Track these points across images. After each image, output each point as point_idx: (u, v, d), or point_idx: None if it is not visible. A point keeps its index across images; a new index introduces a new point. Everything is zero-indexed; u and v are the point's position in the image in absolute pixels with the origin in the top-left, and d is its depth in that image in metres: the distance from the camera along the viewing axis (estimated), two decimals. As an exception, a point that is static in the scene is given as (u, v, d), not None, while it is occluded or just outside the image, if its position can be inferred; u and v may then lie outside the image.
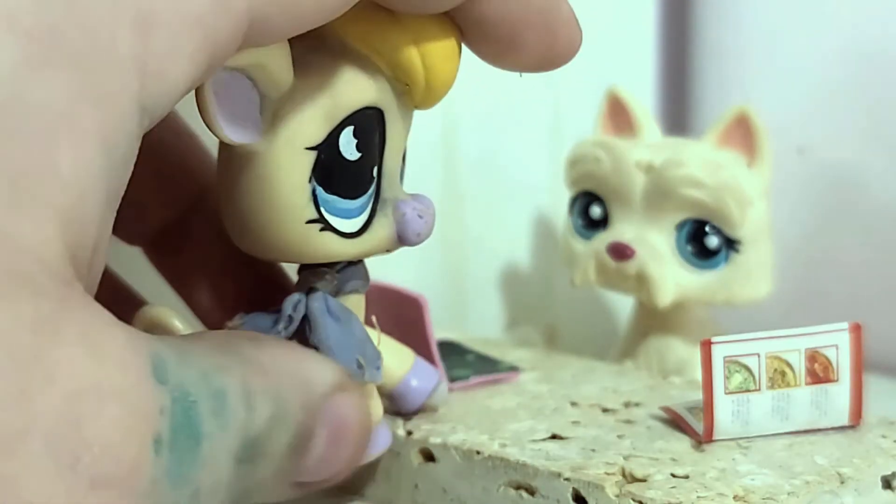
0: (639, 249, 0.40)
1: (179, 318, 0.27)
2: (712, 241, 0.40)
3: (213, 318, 0.30)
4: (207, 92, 0.22)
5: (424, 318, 0.34)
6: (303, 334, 0.27)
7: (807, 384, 0.30)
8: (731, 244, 0.40)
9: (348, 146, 0.25)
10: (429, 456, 0.31)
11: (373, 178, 0.26)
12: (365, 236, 0.26)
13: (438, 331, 0.36)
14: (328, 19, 0.22)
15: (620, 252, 0.41)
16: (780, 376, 0.30)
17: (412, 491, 0.32)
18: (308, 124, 0.25)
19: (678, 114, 0.61)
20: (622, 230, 0.41)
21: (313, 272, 0.27)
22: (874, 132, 0.52)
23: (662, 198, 0.40)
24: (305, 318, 0.27)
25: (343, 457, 0.25)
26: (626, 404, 0.33)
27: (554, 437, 0.31)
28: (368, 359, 0.27)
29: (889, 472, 0.28)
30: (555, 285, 0.54)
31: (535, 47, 0.26)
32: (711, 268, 0.41)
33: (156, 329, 0.27)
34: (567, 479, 0.28)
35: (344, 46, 0.25)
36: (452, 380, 0.35)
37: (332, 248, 0.26)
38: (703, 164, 0.40)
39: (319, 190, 0.25)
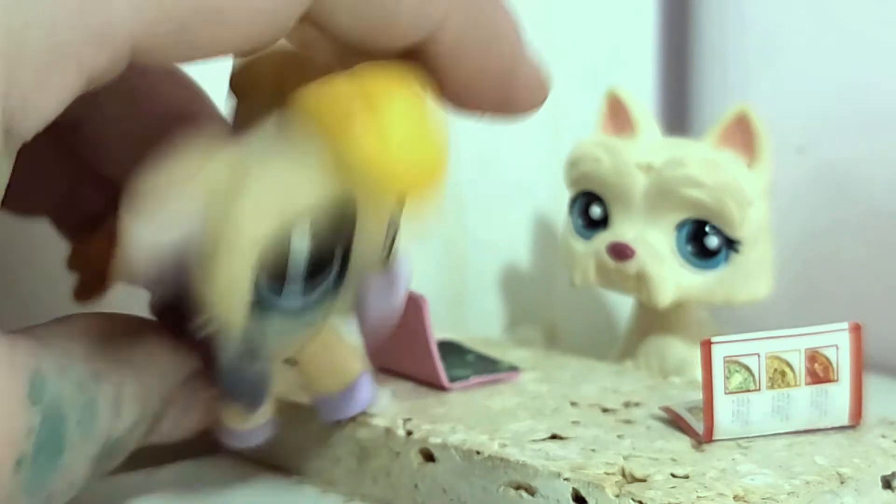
0: (639, 249, 0.40)
1: None
2: (712, 241, 0.40)
3: None
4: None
5: (424, 318, 0.34)
6: None
7: (807, 384, 0.30)
8: (731, 244, 0.40)
9: (298, 249, 0.24)
10: (429, 456, 0.31)
11: (329, 270, 0.25)
12: (313, 318, 0.25)
13: (438, 331, 0.36)
14: (231, 51, 0.22)
15: (620, 252, 0.41)
16: (780, 376, 0.30)
17: (412, 491, 0.32)
18: (254, 223, 0.23)
19: (678, 114, 0.61)
20: (622, 230, 0.41)
21: None
22: (874, 132, 0.52)
23: (662, 198, 0.40)
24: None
25: (191, 422, 0.27)
26: (626, 404, 0.34)
27: (554, 437, 0.31)
28: (256, 392, 0.27)
29: (889, 472, 0.28)
30: (555, 285, 0.54)
31: (490, 104, 0.25)
32: (711, 268, 0.41)
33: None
34: (567, 479, 0.28)
35: (309, 140, 0.23)
36: (452, 380, 0.35)
37: (276, 338, 0.25)
38: (703, 164, 0.40)
39: (263, 285, 0.24)
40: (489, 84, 0.25)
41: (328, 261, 0.24)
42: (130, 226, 0.21)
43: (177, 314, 0.26)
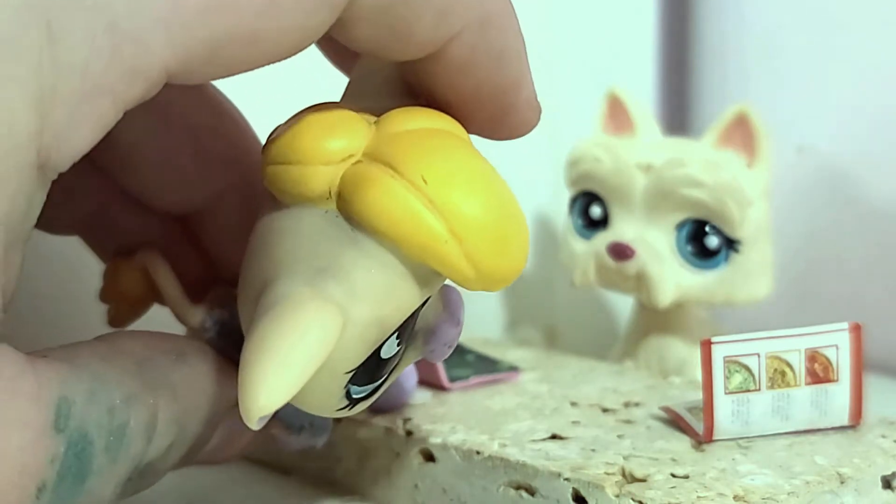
0: (639, 249, 0.40)
1: (169, 278, 0.27)
2: (712, 241, 0.40)
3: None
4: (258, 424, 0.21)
5: (424, 318, 0.34)
6: None
7: (807, 384, 0.30)
8: (731, 244, 0.40)
9: (389, 349, 0.23)
10: (429, 456, 0.31)
11: (403, 348, 0.24)
12: (390, 378, 0.25)
13: (438, 331, 0.36)
14: (263, 64, 0.21)
15: (620, 252, 0.41)
16: (780, 376, 0.30)
17: (412, 491, 0.32)
18: (350, 356, 0.22)
19: (678, 114, 0.61)
20: (622, 230, 0.41)
21: None
22: (874, 132, 0.52)
23: (662, 198, 0.40)
24: None
25: (230, 453, 0.27)
26: (626, 404, 0.34)
27: (554, 437, 0.31)
28: (316, 427, 0.27)
29: (889, 472, 0.28)
30: (555, 285, 0.54)
31: (486, 121, 0.25)
32: (711, 268, 0.41)
33: (144, 273, 0.28)
34: (567, 479, 0.28)
35: (387, 253, 0.22)
36: (452, 380, 0.35)
37: (360, 408, 0.24)
38: (703, 164, 0.40)
39: (353, 388, 0.23)
40: (491, 100, 0.25)
41: (407, 340, 0.24)
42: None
43: (232, 340, 0.26)
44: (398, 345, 0.23)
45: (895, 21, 0.52)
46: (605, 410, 0.33)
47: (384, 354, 0.23)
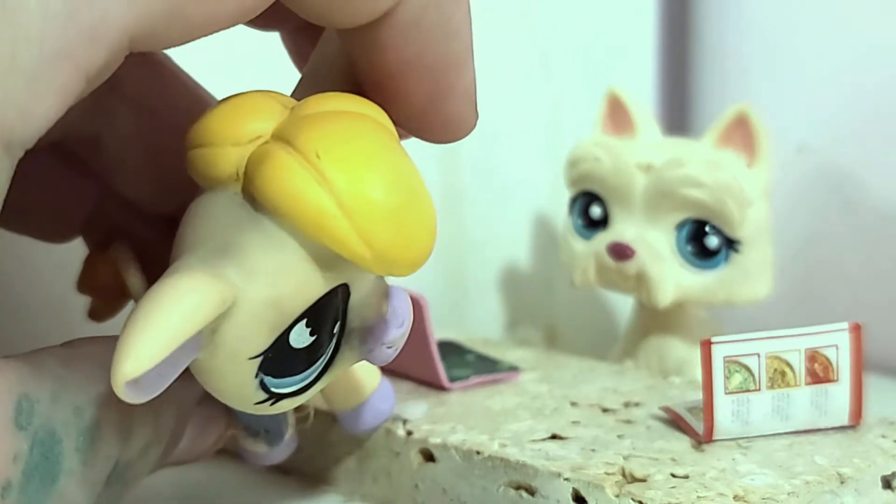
0: (639, 249, 0.40)
1: (135, 269, 0.27)
2: (712, 241, 0.40)
3: None
4: (125, 391, 0.20)
5: (424, 318, 0.34)
6: None
7: (807, 384, 0.30)
8: (731, 244, 0.40)
9: (299, 338, 0.22)
10: (429, 456, 0.31)
11: (332, 336, 0.23)
12: (323, 379, 0.24)
13: (438, 331, 0.36)
14: (227, 24, 0.21)
15: (620, 252, 0.41)
16: (780, 376, 0.30)
17: (412, 491, 0.32)
18: (251, 340, 0.22)
19: (678, 114, 0.61)
20: (622, 230, 0.41)
21: None
22: (874, 132, 0.52)
23: (662, 198, 0.40)
24: None
25: (203, 449, 0.27)
26: (626, 404, 0.33)
27: (554, 437, 0.31)
28: (271, 435, 0.28)
29: (889, 472, 0.28)
30: (555, 285, 0.54)
31: (416, 107, 0.24)
32: (711, 268, 0.41)
33: (115, 268, 0.28)
34: (567, 479, 0.28)
35: (288, 235, 0.21)
36: (452, 380, 0.35)
37: (286, 406, 0.24)
38: (703, 164, 0.40)
39: (268, 379, 0.23)
40: (431, 75, 0.23)
41: (325, 341, 0.23)
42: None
43: None
44: (312, 336, 0.22)
45: (895, 21, 0.52)
46: (605, 410, 0.33)
47: (294, 343, 0.22)
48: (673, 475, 0.28)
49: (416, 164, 0.23)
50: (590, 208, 0.43)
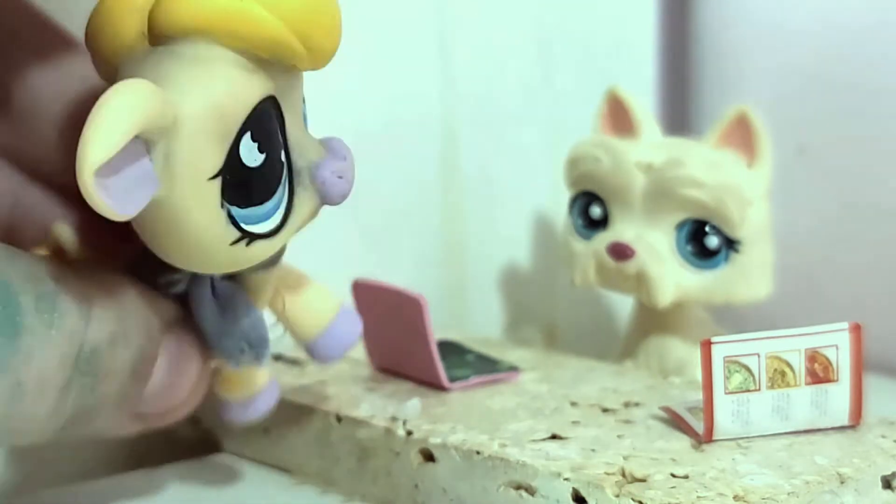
0: (639, 249, 0.40)
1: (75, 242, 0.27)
2: (712, 241, 0.40)
3: None
4: (96, 198, 0.21)
5: (424, 318, 0.34)
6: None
7: (807, 384, 0.30)
8: (731, 244, 0.40)
9: (250, 154, 0.24)
10: (429, 456, 0.31)
11: (282, 164, 0.25)
12: (290, 222, 0.25)
13: (438, 331, 0.36)
14: None
15: (620, 252, 0.41)
16: (780, 376, 0.30)
17: (412, 491, 0.32)
18: (203, 155, 0.23)
19: (678, 114, 0.61)
20: (622, 230, 0.41)
21: None
22: (874, 132, 0.52)
23: (662, 198, 0.40)
24: (190, 299, 0.26)
25: (181, 387, 0.27)
26: (626, 404, 0.33)
27: (554, 437, 0.31)
28: (253, 345, 0.27)
29: (889, 472, 0.28)
30: (555, 285, 0.54)
31: None
32: (711, 268, 0.41)
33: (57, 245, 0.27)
34: (567, 479, 0.28)
35: (208, 50, 0.23)
36: (452, 380, 0.35)
37: (260, 253, 0.25)
38: (703, 164, 0.40)
39: (234, 209, 0.24)
40: None
41: (277, 168, 0.25)
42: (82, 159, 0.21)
43: (150, 273, 0.26)
44: (262, 153, 0.24)
45: (895, 21, 0.52)
46: (605, 410, 0.33)
47: (247, 160, 0.24)
48: (673, 475, 0.28)
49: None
50: (590, 208, 0.43)
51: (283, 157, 0.25)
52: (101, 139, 0.21)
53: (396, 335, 0.36)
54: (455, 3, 0.48)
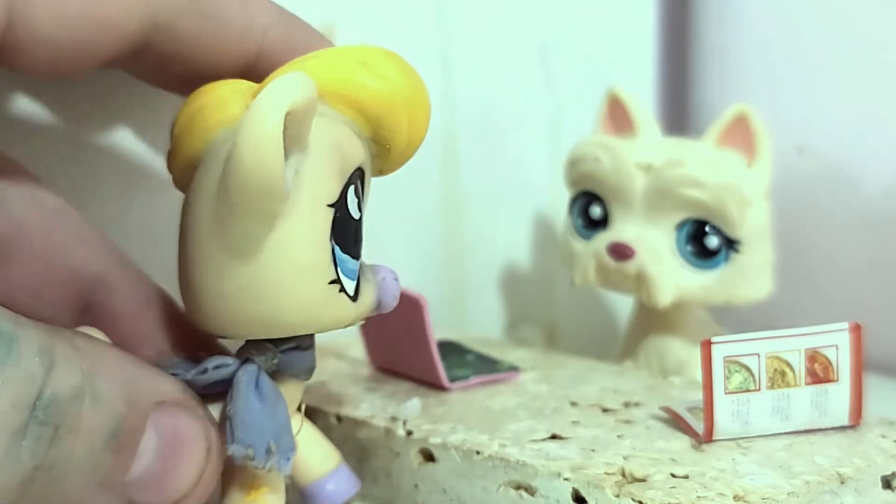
0: (639, 249, 0.40)
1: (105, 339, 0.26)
2: (712, 241, 0.40)
3: None
4: (276, 137, 0.22)
5: (424, 318, 0.34)
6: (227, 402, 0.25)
7: (807, 384, 0.30)
8: (731, 244, 0.40)
9: (353, 204, 0.25)
10: (429, 456, 0.31)
11: (362, 239, 0.26)
12: (359, 300, 0.25)
13: (438, 331, 0.36)
14: (104, 38, 0.23)
15: (620, 252, 0.41)
16: (780, 376, 0.30)
17: (412, 491, 0.32)
18: (328, 180, 0.24)
19: (678, 114, 0.61)
20: (622, 230, 0.41)
21: (256, 345, 0.26)
22: (874, 132, 0.52)
23: (662, 198, 0.40)
24: (230, 388, 0.25)
25: (180, 477, 0.24)
26: (626, 404, 0.33)
27: (554, 437, 0.31)
28: (281, 447, 0.25)
29: (889, 472, 0.28)
30: (555, 285, 0.54)
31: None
32: (711, 268, 0.41)
33: None
34: (567, 479, 0.28)
35: (325, 106, 0.25)
36: (452, 380, 0.35)
37: (344, 311, 0.25)
38: (703, 163, 0.40)
39: (337, 249, 0.24)
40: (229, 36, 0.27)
41: (360, 235, 0.26)
42: None
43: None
44: (358, 211, 0.25)
45: (895, 22, 0.52)
46: (605, 410, 0.33)
47: (351, 209, 0.25)
48: (673, 475, 0.28)
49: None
50: (590, 208, 0.43)
51: (361, 234, 0.26)
52: (294, 90, 0.22)
53: (396, 335, 0.36)
54: (456, 5, 0.48)
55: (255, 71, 0.27)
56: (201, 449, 0.24)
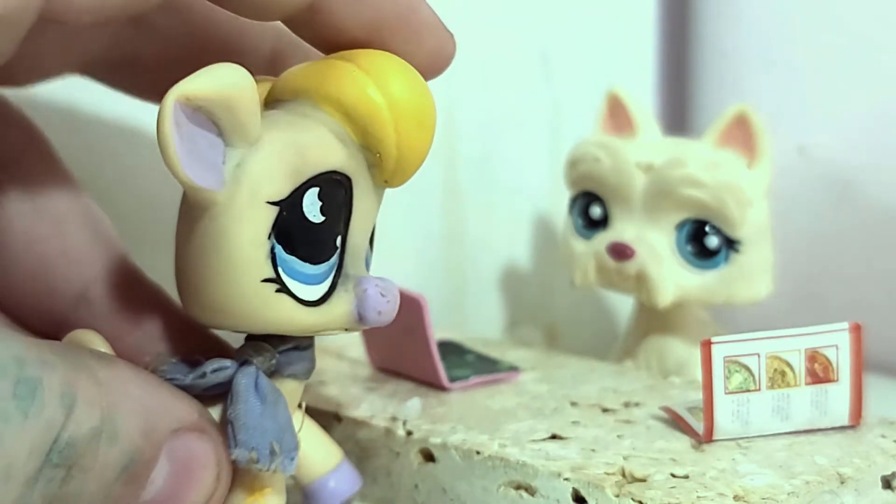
0: (639, 249, 0.40)
1: (106, 346, 0.26)
2: (712, 242, 0.40)
3: None
4: (167, 124, 0.22)
5: (424, 318, 0.34)
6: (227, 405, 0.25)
7: (807, 384, 0.30)
8: (731, 244, 0.40)
9: (312, 207, 0.24)
10: (429, 456, 0.31)
11: (336, 247, 0.25)
12: (323, 307, 0.25)
13: (438, 331, 0.36)
14: (136, 10, 0.22)
15: (620, 252, 0.41)
16: (780, 376, 0.30)
17: (412, 491, 0.32)
18: (273, 178, 0.24)
19: (678, 114, 0.61)
20: (622, 230, 0.41)
21: (254, 346, 0.26)
22: (874, 132, 0.52)
23: (662, 198, 0.40)
24: (230, 390, 0.25)
25: (191, 499, 0.24)
26: (626, 404, 0.33)
27: (554, 437, 0.31)
28: (284, 447, 0.25)
29: (889, 472, 0.28)
30: (555, 285, 0.54)
31: (405, 47, 0.26)
32: (711, 268, 0.41)
33: None
34: (567, 479, 0.28)
35: (314, 108, 0.25)
36: (452, 380, 0.35)
37: (287, 313, 0.25)
38: (703, 164, 0.40)
39: (278, 248, 0.24)
40: (393, 26, 0.26)
41: (332, 237, 0.25)
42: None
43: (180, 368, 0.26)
44: (322, 215, 0.24)
45: (895, 21, 0.52)
46: (605, 410, 0.33)
47: (307, 211, 0.24)
48: (673, 475, 0.28)
49: None
50: (590, 208, 0.43)
51: (338, 241, 0.25)
52: (199, 78, 0.22)
53: (396, 335, 0.36)
54: (456, 5, 0.48)
55: (312, 26, 0.26)
56: (212, 474, 0.24)
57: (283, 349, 0.26)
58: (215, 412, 0.26)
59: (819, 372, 0.30)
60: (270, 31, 0.27)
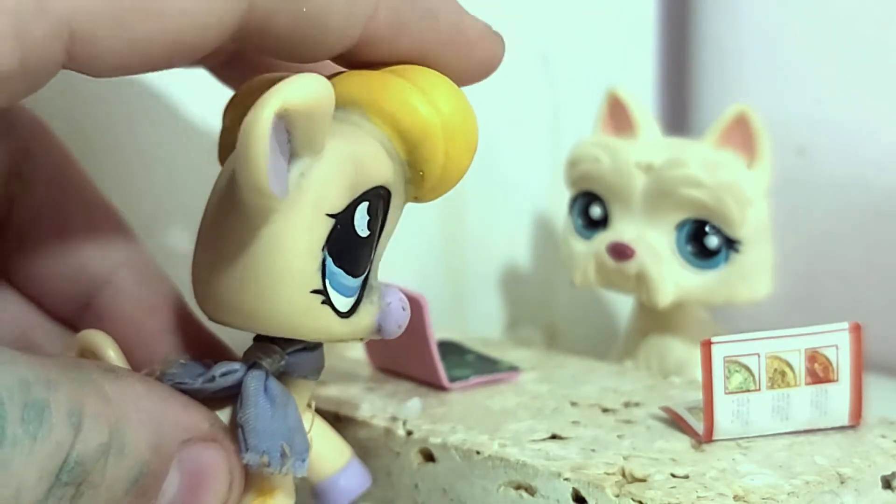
0: (639, 249, 0.41)
1: (115, 349, 0.26)
2: (712, 241, 0.40)
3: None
4: (265, 134, 0.22)
5: (424, 318, 0.34)
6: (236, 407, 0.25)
7: (807, 384, 0.30)
8: (731, 244, 0.40)
9: (361, 221, 0.24)
10: (429, 456, 0.31)
11: (370, 260, 0.25)
12: (353, 318, 0.25)
13: (438, 331, 0.36)
14: (178, 56, 0.22)
15: (620, 252, 0.41)
16: (780, 376, 0.30)
17: (412, 491, 0.32)
18: (334, 190, 0.24)
19: (678, 114, 0.61)
20: (622, 230, 0.41)
21: (263, 347, 0.26)
22: (874, 132, 0.52)
23: (662, 198, 0.40)
24: (239, 393, 0.25)
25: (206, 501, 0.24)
26: (626, 404, 0.33)
27: (554, 437, 0.31)
28: (295, 449, 0.25)
29: (889, 472, 0.28)
30: (555, 285, 0.54)
31: (454, 64, 0.26)
32: (711, 268, 0.41)
33: (87, 355, 0.26)
34: (567, 479, 0.28)
35: (363, 118, 0.25)
36: (452, 380, 0.35)
37: (326, 323, 0.24)
38: (703, 164, 0.40)
39: (329, 260, 0.24)
40: (439, 49, 0.26)
41: (367, 256, 0.25)
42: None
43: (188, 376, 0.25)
44: (368, 229, 0.25)
45: (894, 21, 0.52)
46: (605, 410, 0.33)
47: (357, 227, 0.24)
48: (673, 475, 0.28)
49: None
50: (590, 208, 0.43)
51: (372, 254, 0.25)
52: (292, 88, 0.22)
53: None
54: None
55: (357, 56, 0.26)
56: (224, 483, 0.24)
57: (292, 350, 0.26)
58: (225, 415, 0.26)
59: (819, 372, 0.30)
60: (357, 25, 0.27)
